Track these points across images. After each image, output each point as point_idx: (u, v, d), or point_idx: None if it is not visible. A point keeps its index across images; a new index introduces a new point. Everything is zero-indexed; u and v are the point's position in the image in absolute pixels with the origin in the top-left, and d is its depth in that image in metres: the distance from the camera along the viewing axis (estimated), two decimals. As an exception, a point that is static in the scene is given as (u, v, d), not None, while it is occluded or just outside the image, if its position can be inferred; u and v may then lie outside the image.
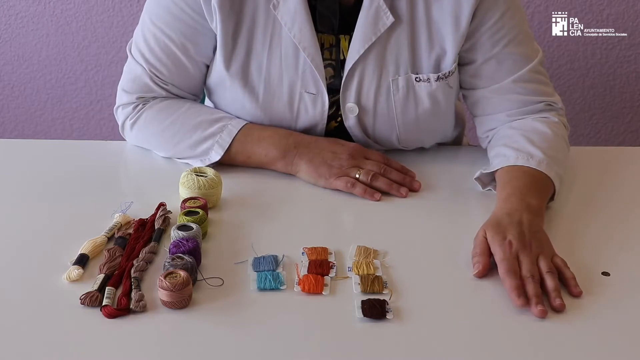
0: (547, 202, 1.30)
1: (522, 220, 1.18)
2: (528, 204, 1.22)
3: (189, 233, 1.15)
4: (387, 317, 1.03)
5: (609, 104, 2.56)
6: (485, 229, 1.17)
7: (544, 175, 1.31)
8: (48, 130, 2.66)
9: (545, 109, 1.46)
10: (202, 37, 1.42)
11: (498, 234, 1.16)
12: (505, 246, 1.13)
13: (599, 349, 1.00)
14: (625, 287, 1.12)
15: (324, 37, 1.42)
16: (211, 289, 1.09)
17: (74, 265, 1.12)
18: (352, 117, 1.45)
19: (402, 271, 1.14)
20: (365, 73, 1.42)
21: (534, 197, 1.25)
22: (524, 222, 1.18)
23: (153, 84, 1.46)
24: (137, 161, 1.50)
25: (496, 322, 1.04)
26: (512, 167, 1.32)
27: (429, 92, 1.43)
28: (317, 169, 1.39)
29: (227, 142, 1.41)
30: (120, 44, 2.51)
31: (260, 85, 1.43)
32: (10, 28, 2.52)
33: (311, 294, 1.09)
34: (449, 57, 1.42)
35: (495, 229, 1.17)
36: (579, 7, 2.41)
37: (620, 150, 1.87)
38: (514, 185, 1.28)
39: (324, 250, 1.17)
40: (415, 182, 1.39)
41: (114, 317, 1.02)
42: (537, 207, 1.23)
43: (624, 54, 2.48)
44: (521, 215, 1.19)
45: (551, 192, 1.31)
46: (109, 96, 2.58)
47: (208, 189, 1.29)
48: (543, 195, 1.28)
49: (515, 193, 1.25)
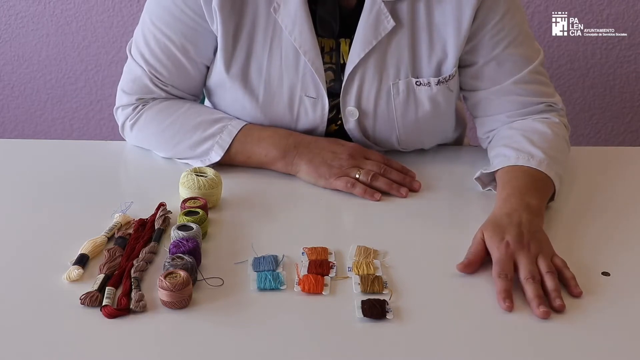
0: (547, 202, 1.30)
1: (521, 220, 1.18)
2: (527, 203, 1.22)
3: (189, 233, 1.15)
4: (387, 317, 1.03)
5: (609, 104, 2.56)
6: (484, 230, 1.17)
7: (544, 175, 1.31)
8: (48, 130, 2.66)
9: (546, 110, 1.46)
10: (203, 39, 1.42)
11: (496, 234, 1.15)
12: (502, 247, 1.13)
13: (599, 349, 1.00)
14: (625, 287, 1.12)
15: (324, 41, 1.42)
16: (211, 289, 1.09)
17: (74, 265, 1.12)
18: (352, 120, 1.45)
19: (402, 271, 1.14)
20: (366, 77, 1.42)
21: (534, 197, 1.25)
22: (523, 222, 1.18)
23: (153, 85, 1.46)
24: (137, 161, 1.50)
25: (496, 322, 1.04)
26: (513, 167, 1.32)
27: (429, 95, 1.43)
28: (317, 169, 1.39)
29: (227, 143, 1.41)
30: (120, 44, 2.51)
31: (260, 87, 1.43)
32: (10, 28, 2.52)
33: (311, 294, 1.09)
34: (449, 61, 1.42)
35: (493, 229, 1.17)
36: (579, 7, 2.41)
37: (620, 150, 1.87)
38: (513, 185, 1.28)
39: (324, 250, 1.17)
40: (415, 182, 1.39)
41: (114, 317, 1.02)
42: (536, 207, 1.23)
43: (624, 54, 2.48)
44: (520, 216, 1.19)
45: (551, 192, 1.31)
46: (109, 96, 2.58)
47: (208, 189, 1.29)
48: (543, 195, 1.28)
49: (514, 193, 1.25)
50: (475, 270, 1.13)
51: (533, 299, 1.06)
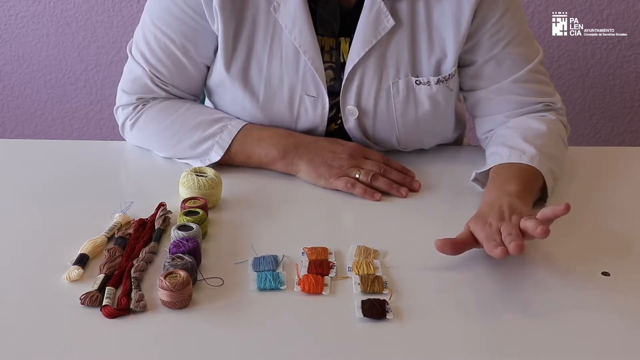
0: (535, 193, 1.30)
1: (501, 204, 1.19)
2: (506, 190, 1.23)
3: (189, 233, 1.15)
4: (387, 317, 1.03)
5: (609, 104, 2.56)
6: (469, 223, 1.18)
7: (533, 168, 1.31)
8: (48, 130, 2.66)
9: (545, 110, 1.46)
10: (203, 38, 1.42)
11: (480, 220, 1.16)
12: (487, 227, 1.14)
13: (599, 348, 1.00)
14: (625, 287, 1.12)
15: (324, 40, 1.42)
16: (211, 289, 1.09)
17: (74, 265, 1.12)
18: (352, 119, 1.45)
19: (402, 271, 1.14)
20: (366, 76, 1.42)
21: (514, 185, 1.25)
22: (504, 204, 1.18)
23: (153, 85, 1.46)
24: (137, 161, 1.50)
25: (496, 322, 1.04)
26: (504, 165, 1.33)
27: (429, 95, 1.43)
28: (317, 169, 1.39)
29: (227, 143, 1.41)
30: (120, 44, 2.51)
31: (260, 86, 1.43)
32: (10, 28, 2.52)
33: (311, 294, 1.09)
34: (449, 60, 1.42)
35: (476, 219, 1.17)
36: (579, 7, 2.41)
37: (620, 150, 1.87)
38: (497, 179, 1.29)
39: (324, 250, 1.17)
40: (415, 182, 1.39)
41: (114, 317, 1.02)
42: (516, 192, 1.24)
43: (624, 54, 2.48)
44: (501, 201, 1.20)
45: (539, 184, 1.31)
46: (109, 96, 2.58)
47: (208, 189, 1.29)
48: (526, 184, 1.28)
49: (496, 186, 1.27)
50: (456, 251, 1.13)
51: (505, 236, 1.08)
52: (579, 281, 1.11)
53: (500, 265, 1.14)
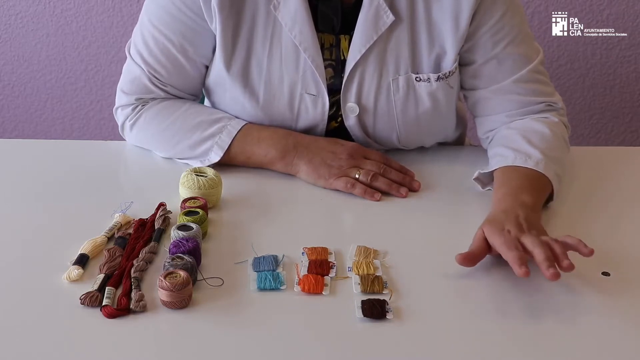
0: (544, 201, 1.30)
1: (518, 215, 1.18)
2: (522, 201, 1.22)
3: (189, 233, 1.15)
4: (387, 317, 1.03)
5: (609, 104, 2.56)
6: (483, 227, 1.17)
7: (542, 175, 1.31)
8: (48, 130, 2.66)
9: (546, 109, 1.46)
10: (202, 38, 1.42)
11: (496, 227, 1.15)
12: (505, 234, 1.13)
13: (599, 349, 1.00)
14: (625, 287, 1.12)
15: (324, 37, 1.42)
16: (211, 289, 1.09)
17: (74, 265, 1.12)
18: (352, 117, 1.45)
19: (402, 271, 1.14)
20: (366, 73, 1.42)
21: (529, 195, 1.25)
22: (520, 217, 1.18)
23: (152, 85, 1.46)
24: (137, 161, 1.50)
25: (496, 322, 1.04)
26: (510, 167, 1.32)
27: (429, 92, 1.43)
28: (317, 170, 1.38)
29: (227, 143, 1.41)
30: (120, 44, 2.51)
31: (260, 86, 1.43)
32: (10, 28, 2.52)
33: (311, 294, 1.09)
34: (449, 57, 1.42)
35: (492, 224, 1.16)
36: (579, 7, 2.41)
37: (620, 150, 1.87)
38: (509, 185, 1.28)
39: (324, 250, 1.17)
40: (414, 182, 1.39)
41: (114, 317, 1.02)
42: (531, 204, 1.23)
43: (624, 54, 2.48)
44: (517, 212, 1.19)
45: (549, 192, 1.31)
46: (109, 96, 2.58)
47: (208, 189, 1.29)
48: (539, 194, 1.28)
49: (510, 192, 1.25)
50: (474, 263, 1.13)
51: (543, 261, 1.06)
52: (579, 281, 1.11)
53: (500, 266, 1.14)
